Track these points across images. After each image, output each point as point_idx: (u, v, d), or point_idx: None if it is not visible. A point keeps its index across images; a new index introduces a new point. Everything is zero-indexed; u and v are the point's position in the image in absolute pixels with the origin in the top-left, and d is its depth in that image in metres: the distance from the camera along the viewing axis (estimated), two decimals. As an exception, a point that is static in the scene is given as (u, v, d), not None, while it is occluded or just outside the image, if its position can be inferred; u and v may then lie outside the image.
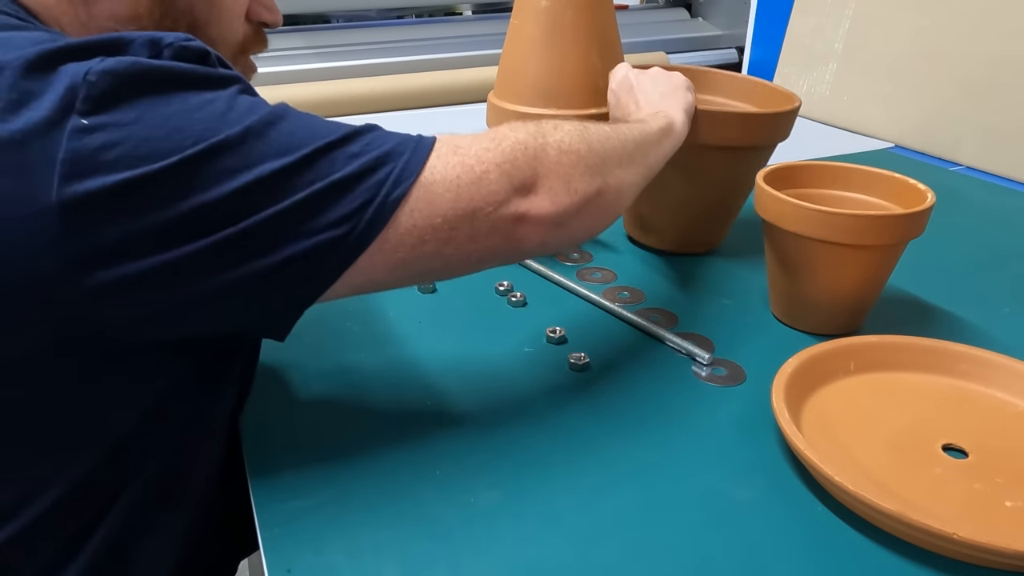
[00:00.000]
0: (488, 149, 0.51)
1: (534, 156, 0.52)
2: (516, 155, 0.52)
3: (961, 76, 1.26)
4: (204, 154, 0.42)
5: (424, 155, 0.49)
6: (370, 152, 0.47)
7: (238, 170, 0.43)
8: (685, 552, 0.49)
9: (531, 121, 0.56)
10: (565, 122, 0.58)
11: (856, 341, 0.66)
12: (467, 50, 1.80)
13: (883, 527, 0.50)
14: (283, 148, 0.44)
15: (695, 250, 0.90)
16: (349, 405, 0.63)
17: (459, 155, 0.50)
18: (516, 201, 0.51)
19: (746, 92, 0.94)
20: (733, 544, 0.49)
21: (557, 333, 0.71)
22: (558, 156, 0.53)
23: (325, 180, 0.45)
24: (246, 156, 0.43)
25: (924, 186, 0.71)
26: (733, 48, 2.07)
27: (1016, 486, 0.53)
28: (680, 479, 0.55)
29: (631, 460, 0.57)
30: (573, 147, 0.55)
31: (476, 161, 0.50)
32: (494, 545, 0.49)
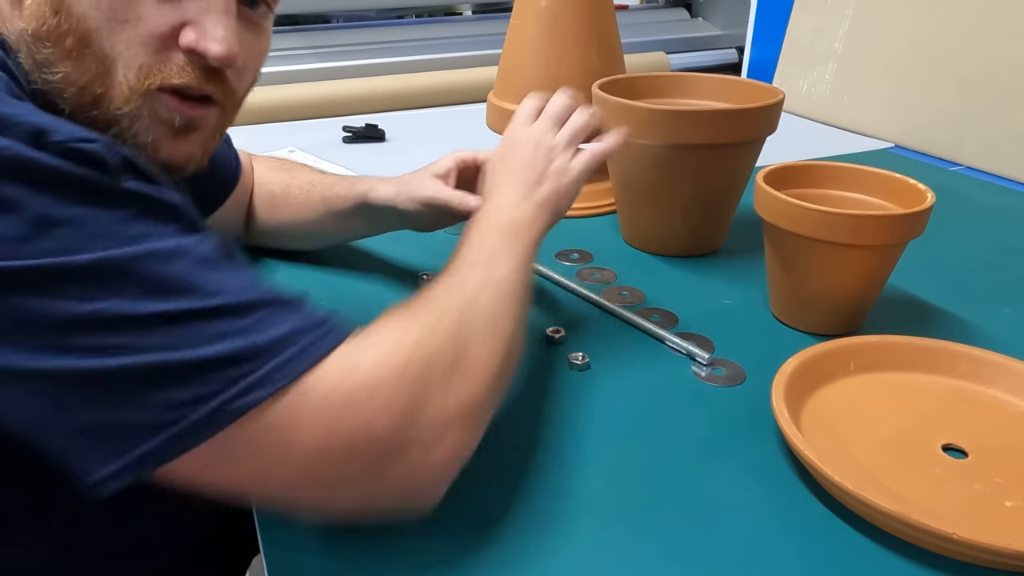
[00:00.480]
0: (386, 383, 0.42)
1: (432, 415, 0.44)
2: (413, 405, 0.43)
3: (961, 76, 1.26)
4: (46, 272, 0.36)
5: (308, 362, 0.40)
6: (247, 336, 0.39)
7: (81, 299, 0.37)
8: (685, 552, 0.49)
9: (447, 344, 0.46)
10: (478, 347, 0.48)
11: (856, 341, 0.66)
12: (467, 50, 1.80)
13: (883, 527, 0.50)
14: (147, 292, 0.38)
15: (695, 253, 0.90)
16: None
17: (351, 381, 0.41)
18: (396, 463, 0.43)
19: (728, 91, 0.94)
20: (733, 544, 0.49)
21: (557, 333, 0.71)
22: (465, 405, 0.45)
23: (166, 354, 0.37)
24: (95, 289, 0.37)
25: (924, 186, 0.71)
26: (733, 48, 2.07)
27: (1016, 486, 0.53)
28: (680, 479, 0.55)
29: (631, 460, 0.57)
30: (479, 391, 0.47)
31: (366, 397, 0.41)
32: (493, 545, 0.49)
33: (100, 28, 0.45)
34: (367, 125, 1.35)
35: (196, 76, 0.48)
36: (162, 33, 0.46)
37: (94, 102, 0.46)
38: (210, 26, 0.46)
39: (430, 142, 1.36)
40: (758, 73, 1.73)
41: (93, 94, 0.46)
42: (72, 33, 0.45)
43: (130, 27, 0.45)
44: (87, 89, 0.46)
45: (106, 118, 0.47)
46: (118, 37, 0.45)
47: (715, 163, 0.83)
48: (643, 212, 0.89)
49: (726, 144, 0.81)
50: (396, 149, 1.33)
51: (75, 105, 0.46)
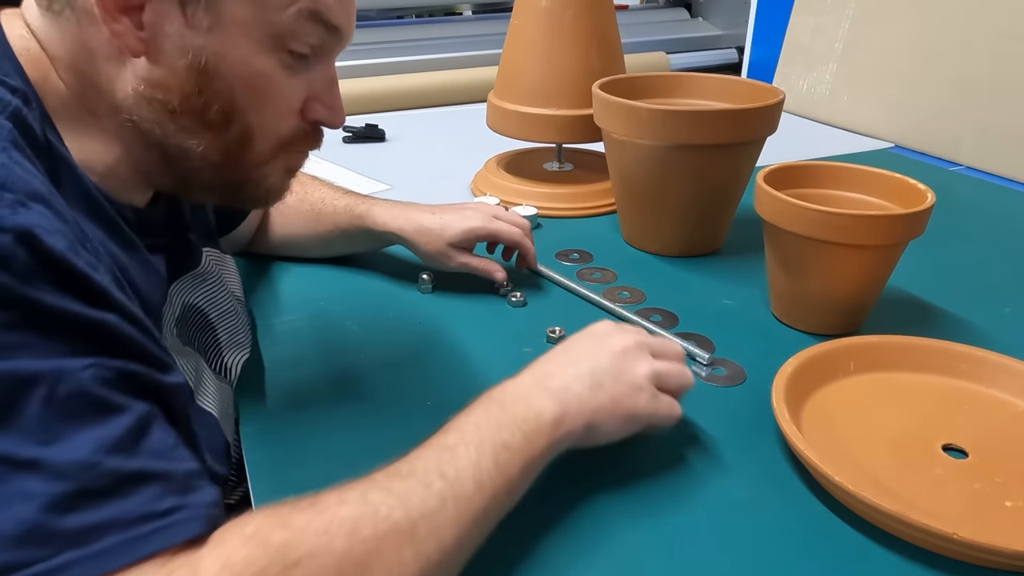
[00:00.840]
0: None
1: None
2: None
3: (961, 76, 1.26)
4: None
5: (109, 566, 0.33)
6: (52, 513, 0.33)
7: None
8: (685, 552, 0.49)
9: None
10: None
11: (856, 341, 0.66)
12: (467, 50, 1.80)
13: (883, 527, 0.50)
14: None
15: (695, 253, 0.90)
16: (349, 405, 0.63)
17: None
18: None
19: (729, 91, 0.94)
20: (733, 544, 0.49)
21: (557, 333, 0.71)
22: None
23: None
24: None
25: (924, 186, 0.71)
26: (733, 48, 2.07)
27: (1016, 486, 0.53)
28: (680, 479, 0.55)
29: (631, 460, 0.57)
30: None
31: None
32: (492, 544, 0.49)
33: (248, 108, 0.49)
34: (367, 125, 1.35)
35: (318, 141, 0.55)
36: (293, 108, 0.51)
37: (231, 167, 0.51)
38: (332, 99, 0.53)
39: (430, 142, 1.36)
40: (758, 73, 1.73)
41: (233, 159, 0.50)
42: (217, 110, 0.48)
43: (274, 106, 0.50)
44: (227, 155, 0.50)
45: (240, 178, 0.52)
46: (265, 115, 0.50)
47: (715, 163, 0.83)
48: (643, 212, 0.89)
49: (726, 144, 0.81)
50: (396, 149, 1.33)
51: (208, 167, 0.50)
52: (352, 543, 0.38)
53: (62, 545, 0.33)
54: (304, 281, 0.83)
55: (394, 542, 0.39)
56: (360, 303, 0.78)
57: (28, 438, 0.34)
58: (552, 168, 1.10)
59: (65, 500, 0.33)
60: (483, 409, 0.48)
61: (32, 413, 0.34)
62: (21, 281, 0.35)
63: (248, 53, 0.47)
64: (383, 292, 0.81)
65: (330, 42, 0.50)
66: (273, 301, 0.78)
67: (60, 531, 0.33)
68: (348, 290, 0.81)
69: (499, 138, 1.09)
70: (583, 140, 1.02)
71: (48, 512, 0.33)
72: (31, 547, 0.32)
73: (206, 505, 0.37)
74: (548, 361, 0.53)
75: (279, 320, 0.75)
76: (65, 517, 0.33)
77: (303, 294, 0.80)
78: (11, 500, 0.33)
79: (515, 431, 0.47)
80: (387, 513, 0.40)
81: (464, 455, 0.44)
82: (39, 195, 0.38)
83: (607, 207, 1.02)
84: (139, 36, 0.45)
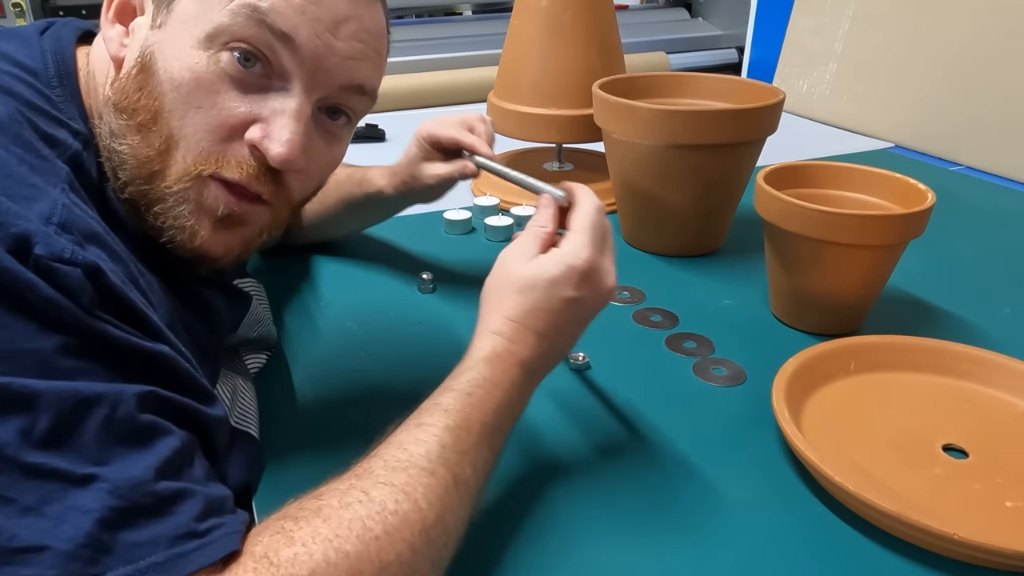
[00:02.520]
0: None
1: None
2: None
3: (961, 76, 1.26)
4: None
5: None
6: (104, 529, 0.34)
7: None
8: (685, 552, 0.49)
9: None
10: None
11: (856, 341, 0.66)
12: (467, 50, 1.80)
13: (883, 527, 0.50)
14: (40, 435, 0.34)
15: (695, 253, 0.90)
16: (349, 405, 0.63)
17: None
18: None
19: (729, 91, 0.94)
20: (733, 544, 0.49)
21: (557, 333, 0.71)
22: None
23: (17, 521, 0.33)
24: None
25: (924, 186, 0.71)
26: (733, 48, 2.07)
27: (1016, 486, 0.53)
28: (680, 479, 0.55)
29: (631, 460, 0.57)
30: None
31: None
32: (492, 544, 0.49)
33: (175, 109, 0.45)
34: (367, 125, 1.35)
35: (251, 174, 0.46)
36: (232, 124, 0.46)
37: (149, 177, 0.46)
38: (277, 127, 0.46)
39: (430, 142, 1.36)
40: (758, 73, 1.73)
41: (151, 170, 0.46)
42: (147, 109, 0.45)
43: (203, 113, 0.45)
44: (146, 164, 0.46)
45: (155, 195, 0.46)
46: (189, 120, 0.45)
47: (715, 163, 0.83)
48: (643, 212, 0.89)
49: (726, 144, 0.81)
50: (396, 149, 1.32)
51: (132, 177, 0.46)
52: (363, 543, 0.38)
53: (111, 562, 0.34)
54: (304, 281, 0.83)
55: (405, 534, 0.39)
56: (360, 303, 0.78)
57: (86, 457, 0.35)
58: (552, 168, 1.10)
59: (117, 516, 0.34)
60: (482, 391, 0.48)
61: (91, 432, 0.35)
62: (87, 312, 0.37)
63: (181, 47, 0.44)
64: (383, 292, 0.81)
65: (285, 57, 0.45)
66: (273, 301, 0.78)
67: (110, 546, 0.34)
68: (348, 290, 0.81)
69: (499, 138, 1.08)
70: (583, 140, 1.02)
71: (100, 528, 0.34)
72: (83, 562, 0.33)
73: (241, 523, 0.38)
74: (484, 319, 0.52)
75: (279, 320, 0.75)
76: (116, 533, 0.34)
77: (303, 294, 0.80)
78: (66, 515, 0.34)
79: (482, 391, 0.47)
80: (394, 508, 0.40)
81: (464, 440, 0.45)
82: (96, 236, 0.40)
83: (607, 207, 1.01)
84: (123, 43, 0.46)
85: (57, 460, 0.34)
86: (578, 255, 0.51)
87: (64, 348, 0.36)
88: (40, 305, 0.35)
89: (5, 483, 0.33)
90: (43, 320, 0.36)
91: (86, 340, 0.37)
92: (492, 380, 0.48)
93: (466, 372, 0.49)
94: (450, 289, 0.81)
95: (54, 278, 0.36)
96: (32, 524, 0.33)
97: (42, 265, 0.36)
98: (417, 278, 0.81)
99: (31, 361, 0.35)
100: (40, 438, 0.34)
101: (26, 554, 0.33)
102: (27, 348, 0.35)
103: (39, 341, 0.35)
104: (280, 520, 0.39)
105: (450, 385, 0.48)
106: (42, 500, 0.34)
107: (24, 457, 0.34)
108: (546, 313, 0.50)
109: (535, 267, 0.51)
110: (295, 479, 0.54)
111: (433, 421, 0.45)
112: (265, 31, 0.44)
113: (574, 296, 0.50)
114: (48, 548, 0.33)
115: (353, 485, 0.41)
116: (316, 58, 0.46)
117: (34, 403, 0.34)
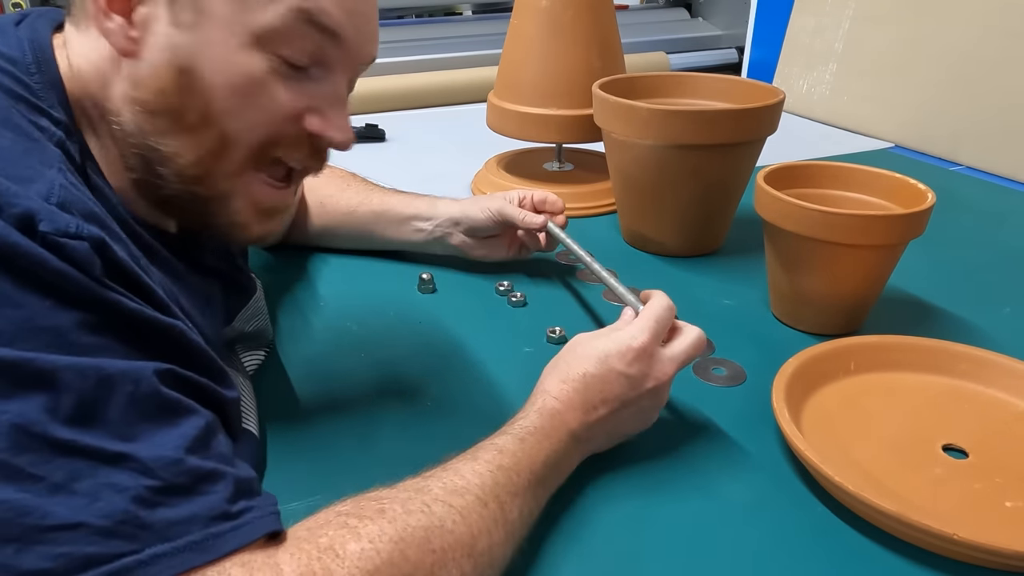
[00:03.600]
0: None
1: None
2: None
3: (961, 76, 1.26)
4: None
5: (200, 559, 0.34)
6: (141, 505, 0.34)
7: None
8: (685, 552, 0.49)
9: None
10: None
11: (856, 341, 0.66)
12: (467, 50, 1.80)
13: (883, 527, 0.49)
14: (66, 411, 0.34)
15: (695, 253, 0.90)
16: (349, 405, 0.63)
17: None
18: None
19: (729, 91, 0.94)
20: (733, 544, 0.49)
21: (557, 333, 0.71)
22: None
23: (50, 499, 0.33)
24: (10, 388, 0.33)
25: (924, 186, 0.71)
26: (733, 48, 2.07)
27: (1016, 486, 0.53)
28: (680, 479, 0.55)
29: (630, 460, 0.56)
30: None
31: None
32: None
33: (229, 111, 0.45)
34: (367, 125, 1.35)
35: (307, 154, 0.50)
36: (287, 115, 0.47)
37: (200, 177, 0.47)
38: (335, 116, 0.49)
39: (430, 142, 1.36)
40: (758, 73, 1.73)
41: (204, 169, 0.46)
42: (195, 110, 0.45)
43: (259, 112, 0.46)
44: (198, 164, 0.46)
45: (207, 194, 0.47)
46: (245, 120, 0.46)
47: (715, 163, 0.83)
48: (643, 212, 0.89)
49: (726, 144, 0.81)
50: (396, 149, 1.33)
51: (178, 176, 0.46)
52: (423, 553, 0.39)
53: (149, 539, 0.34)
54: (303, 280, 0.83)
55: (457, 555, 0.40)
56: (360, 303, 0.78)
57: (114, 434, 0.35)
58: (552, 168, 1.10)
59: (152, 494, 0.34)
60: (533, 439, 0.49)
61: (117, 410, 0.35)
62: (100, 284, 0.37)
63: (228, 51, 0.44)
64: (383, 292, 0.81)
65: (331, 50, 0.47)
66: (271, 300, 0.78)
67: (147, 524, 0.34)
68: (348, 290, 0.81)
69: (499, 138, 1.09)
70: (583, 140, 1.02)
71: (137, 505, 0.34)
72: (120, 539, 0.33)
73: (272, 505, 0.39)
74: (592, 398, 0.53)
75: (278, 320, 0.75)
76: (152, 511, 0.34)
77: (301, 293, 0.80)
78: (100, 492, 0.33)
79: (548, 461, 0.49)
80: (452, 527, 0.41)
81: (515, 482, 0.46)
82: (94, 215, 0.40)
83: (607, 207, 1.02)
84: (130, 36, 0.45)
85: (87, 437, 0.34)
86: (636, 336, 0.54)
87: (82, 323, 0.36)
88: (53, 280, 0.35)
89: (33, 460, 0.33)
90: (58, 295, 0.35)
91: (103, 313, 0.37)
92: (542, 431, 0.50)
93: (520, 420, 0.51)
94: (450, 289, 0.81)
95: (63, 252, 0.36)
96: (65, 502, 0.33)
97: (49, 241, 0.35)
98: (417, 278, 0.81)
99: (49, 338, 0.35)
100: (67, 415, 0.34)
101: (60, 532, 0.32)
102: (45, 326, 0.35)
103: (56, 318, 0.35)
104: (342, 516, 0.39)
105: (505, 430, 0.50)
106: (71, 477, 0.33)
107: (53, 433, 0.33)
108: (597, 381, 0.53)
109: (596, 341, 0.54)
110: (294, 479, 0.54)
111: (489, 458, 0.47)
112: (316, 32, 0.46)
113: (625, 372, 0.53)
114: (84, 524, 0.33)
115: (412, 497, 0.42)
116: (356, 49, 0.49)
117: (57, 380, 0.34)
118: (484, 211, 0.79)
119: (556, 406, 0.52)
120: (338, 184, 0.86)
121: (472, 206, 0.81)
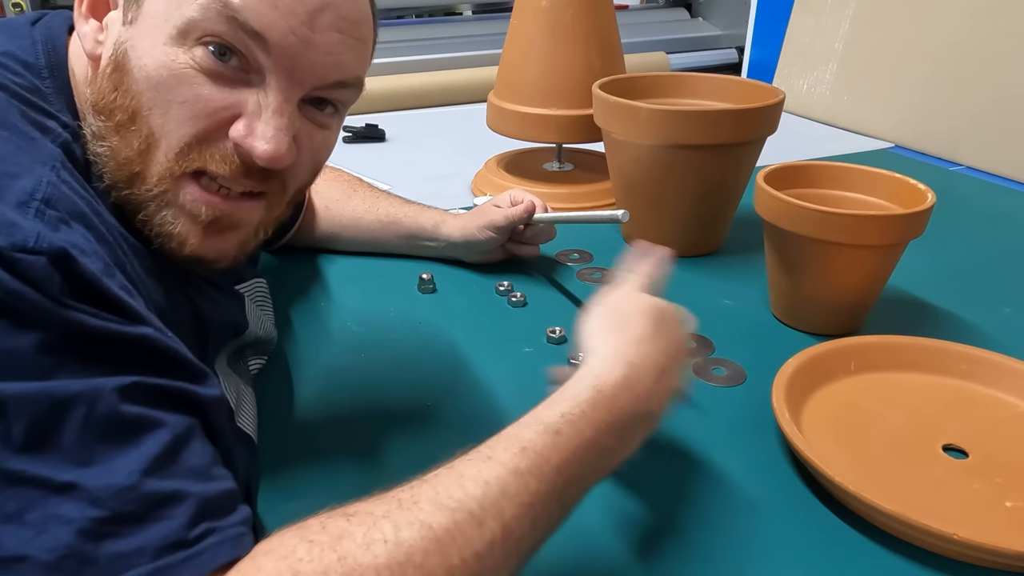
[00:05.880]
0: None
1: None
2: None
3: (961, 76, 1.26)
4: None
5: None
6: (87, 539, 0.32)
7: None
8: (685, 551, 0.49)
9: None
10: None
11: (856, 341, 0.66)
12: (467, 50, 1.80)
13: (883, 527, 0.49)
14: (17, 440, 0.33)
15: (695, 253, 0.90)
16: (349, 405, 0.63)
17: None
18: None
19: (729, 91, 0.94)
20: (733, 544, 0.49)
21: (557, 333, 0.71)
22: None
23: None
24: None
25: (924, 186, 0.71)
26: (733, 48, 2.07)
27: (1016, 486, 0.53)
28: (680, 479, 0.55)
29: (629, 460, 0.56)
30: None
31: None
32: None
33: (153, 107, 0.43)
34: (367, 125, 1.35)
35: (237, 169, 0.45)
36: (213, 115, 0.44)
37: (130, 180, 0.45)
38: (261, 124, 0.44)
39: (430, 142, 1.36)
40: (758, 73, 1.73)
41: (131, 171, 0.44)
42: (124, 109, 0.44)
43: (183, 107, 0.43)
44: (126, 166, 0.44)
45: (138, 199, 0.45)
46: (169, 116, 0.44)
47: (715, 163, 0.83)
48: (643, 212, 0.89)
49: (726, 144, 0.81)
50: (396, 149, 1.33)
51: (113, 180, 0.45)
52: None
53: (95, 572, 0.32)
54: (303, 281, 0.83)
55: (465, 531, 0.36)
56: (360, 303, 0.78)
57: (67, 461, 0.33)
58: (552, 168, 1.10)
59: (98, 526, 0.33)
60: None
61: (70, 435, 0.34)
62: (57, 302, 0.35)
63: (153, 44, 0.43)
64: (383, 292, 0.81)
65: (260, 55, 0.44)
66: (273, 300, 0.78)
67: (91, 559, 0.32)
68: (348, 290, 0.81)
69: (499, 138, 1.09)
70: (583, 140, 1.02)
71: (81, 539, 0.32)
72: (62, 574, 0.32)
73: (237, 524, 0.36)
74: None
75: (279, 320, 0.75)
76: (98, 544, 0.32)
77: (302, 293, 0.80)
78: (47, 524, 0.32)
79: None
80: (421, 560, 0.35)
81: (530, 490, 0.40)
82: (82, 215, 0.39)
83: (607, 207, 1.02)
84: (97, 39, 0.45)
85: (37, 466, 0.33)
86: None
87: (39, 345, 0.34)
88: (7, 300, 0.33)
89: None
90: (12, 317, 0.34)
91: (61, 333, 0.35)
92: (587, 416, 0.44)
93: (563, 402, 0.44)
94: (450, 289, 0.81)
95: (16, 269, 0.34)
96: (14, 532, 0.32)
97: (5, 257, 0.34)
98: (417, 278, 0.81)
99: (4, 362, 0.33)
100: (18, 444, 0.33)
101: (7, 563, 0.32)
102: (0, 349, 0.33)
103: (11, 340, 0.34)
104: (296, 538, 0.35)
105: (540, 416, 0.43)
106: (23, 508, 0.32)
107: (3, 464, 0.32)
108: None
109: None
110: (294, 480, 0.54)
111: (505, 459, 0.40)
112: (236, 28, 0.43)
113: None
114: (29, 558, 0.32)
115: (388, 515, 0.36)
116: (292, 56, 0.44)
117: (6, 409, 0.33)
118: (484, 232, 0.82)
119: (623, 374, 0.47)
120: (344, 188, 0.87)
121: (474, 229, 0.82)
